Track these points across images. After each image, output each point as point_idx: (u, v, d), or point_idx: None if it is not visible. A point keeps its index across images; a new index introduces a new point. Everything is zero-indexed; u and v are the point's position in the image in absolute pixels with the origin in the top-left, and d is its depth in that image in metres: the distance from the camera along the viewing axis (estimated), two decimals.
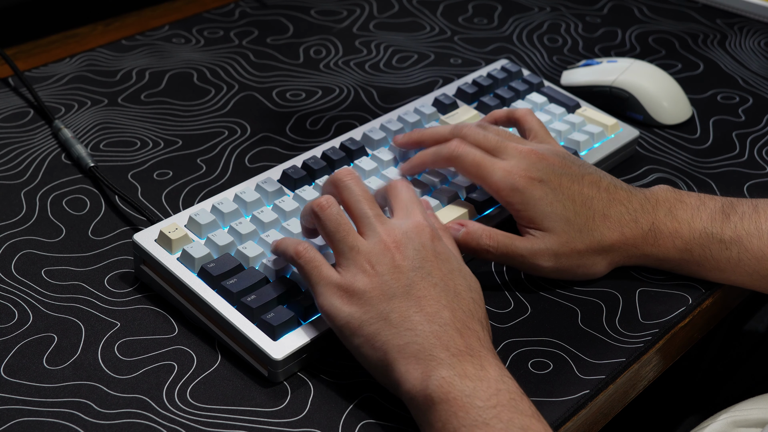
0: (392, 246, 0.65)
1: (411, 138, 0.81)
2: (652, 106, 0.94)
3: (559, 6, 1.16)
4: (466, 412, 0.58)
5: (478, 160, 0.74)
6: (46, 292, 0.72)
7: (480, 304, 0.65)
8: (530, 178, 0.73)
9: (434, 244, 0.66)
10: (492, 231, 0.73)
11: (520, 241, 0.73)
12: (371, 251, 0.65)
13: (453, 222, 0.74)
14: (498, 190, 0.74)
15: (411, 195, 0.70)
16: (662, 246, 0.74)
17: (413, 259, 0.64)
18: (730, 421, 0.77)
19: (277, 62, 1.01)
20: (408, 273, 0.63)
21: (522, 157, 0.74)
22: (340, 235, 0.65)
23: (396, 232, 0.65)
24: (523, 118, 0.81)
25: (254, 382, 0.66)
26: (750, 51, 1.08)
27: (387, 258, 0.64)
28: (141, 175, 0.84)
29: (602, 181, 0.75)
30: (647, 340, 0.71)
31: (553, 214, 0.73)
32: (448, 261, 0.65)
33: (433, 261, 0.65)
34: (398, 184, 0.70)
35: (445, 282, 0.64)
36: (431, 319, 0.62)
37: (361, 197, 0.67)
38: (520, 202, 0.73)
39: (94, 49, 1.01)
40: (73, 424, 0.62)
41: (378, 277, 0.63)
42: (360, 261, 0.64)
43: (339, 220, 0.66)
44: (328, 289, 0.64)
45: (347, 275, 0.64)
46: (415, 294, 0.63)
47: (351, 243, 0.65)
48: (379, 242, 0.65)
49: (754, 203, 0.75)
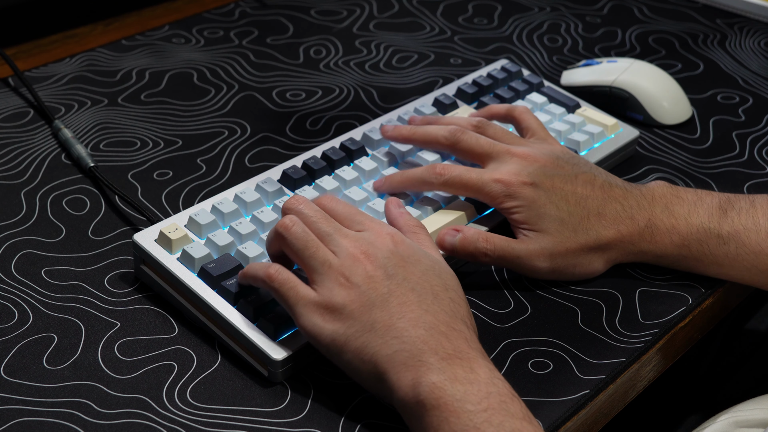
0: (362, 257, 0.64)
1: (401, 133, 0.80)
2: (652, 106, 0.94)
3: (559, 6, 1.16)
4: (458, 417, 0.57)
5: (465, 181, 0.74)
6: (46, 292, 0.72)
7: (460, 302, 0.64)
8: (522, 183, 0.73)
9: (398, 248, 0.65)
10: (488, 235, 0.73)
11: (516, 243, 0.73)
12: (343, 264, 0.64)
13: (448, 228, 0.74)
14: (492, 199, 0.74)
15: (347, 207, 0.68)
16: (659, 242, 0.74)
17: (385, 267, 0.63)
18: (731, 421, 0.77)
19: (277, 62, 1.01)
20: (383, 282, 0.63)
21: (513, 161, 0.74)
22: (310, 252, 0.64)
23: (361, 243, 0.65)
24: (520, 116, 0.81)
25: (254, 382, 0.66)
26: (750, 51, 1.08)
27: (360, 269, 0.63)
28: (141, 175, 0.84)
29: (597, 180, 0.75)
30: (647, 340, 0.71)
31: (546, 215, 0.73)
32: (419, 262, 0.65)
33: (404, 266, 0.64)
34: (325, 201, 0.68)
35: (422, 285, 0.63)
36: (415, 324, 0.61)
37: (316, 218, 0.66)
38: (514, 206, 0.73)
39: (94, 49, 1.01)
40: (73, 424, 0.62)
41: (355, 288, 0.63)
42: (334, 275, 0.63)
43: (306, 237, 0.65)
44: (307, 309, 0.63)
45: (324, 291, 0.63)
46: (395, 301, 0.62)
47: (322, 258, 0.64)
48: (348, 255, 0.64)
49: (752, 199, 0.75)
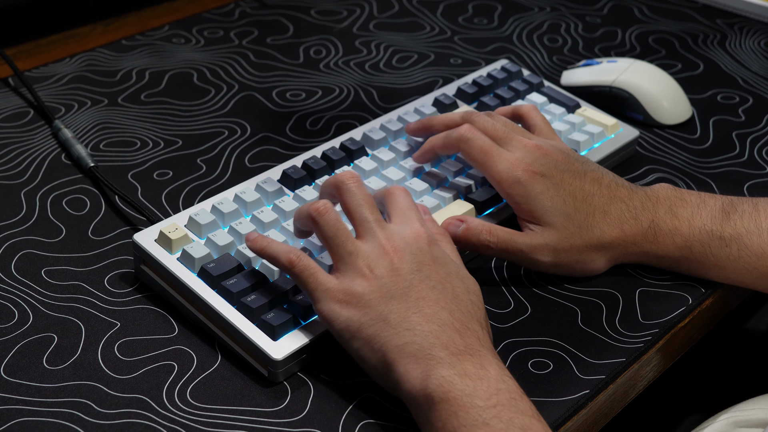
0: (390, 251, 0.65)
1: (422, 124, 0.81)
2: (652, 106, 0.94)
3: (559, 6, 1.16)
4: (467, 412, 0.58)
5: (486, 147, 0.75)
6: (46, 292, 0.72)
7: (479, 305, 0.65)
8: (533, 172, 0.73)
9: (431, 249, 0.66)
10: (492, 226, 0.73)
11: (520, 237, 0.73)
12: (370, 255, 0.64)
13: (453, 218, 0.74)
14: (500, 181, 0.74)
15: (408, 202, 0.69)
16: (662, 243, 0.74)
17: (411, 263, 0.64)
18: (730, 421, 0.77)
19: (277, 62, 1.01)
20: (406, 276, 0.64)
21: (527, 150, 0.75)
22: (339, 240, 0.65)
23: (395, 238, 0.65)
24: (527, 114, 0.82)
25: (254, 382, 0.66)
26: (750, 51, 1.08)
27: (385, 262, 0.64)
28: (141, 175, 0.84)
29: (604, 179, 0.75)
30: (647, 340, 0.71)
31: (553, 208, 0.73)
32: (446, 265, 0.66)
33: (431, 265, 0.65)
34: (396, 190, 0.70)
35: (443, 285, 0.64)
36: (430, 319, 0.62)
37: (363, 201, 0.67)
38: (521, 194, 0.73)
39: (94, 49, 1.01)
40: (73, 424, 0.62)
41: (376, 280, 0.63)
42: (358, 265, 0.64)
43: (337, 225, 0.66)
44: (326, 294, 0.64)
45: (345, 280, 0.64)
46: (414, 296, 0.63)
47: (350, 248, 0.65)
48: (378, 247, 0.65)
49: (755, 201, 0.75)
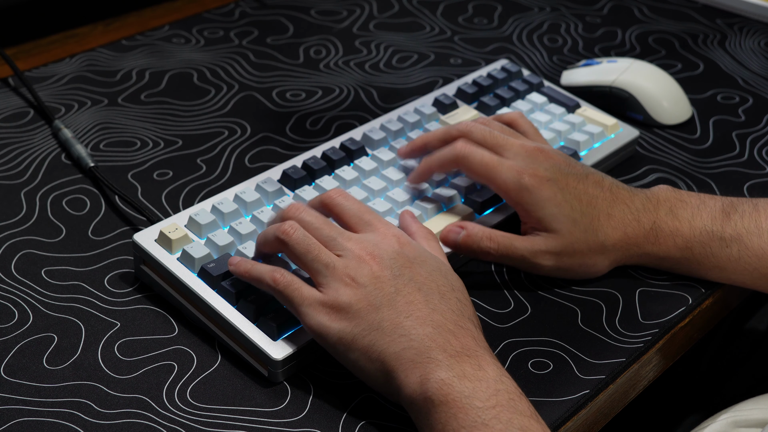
0: (368, 258, 0.64)
1: (415, 145, 0.79)
2: (652, 106, 0.94)
3: (559, 6, 1.16)
4: (466, 414, 0.58)
5: (486, 160, 0.73)
6: (46, 292, 0.72)
7: (465, 302, 0.64)
8: (539, 177, 0.72)
9: (404, 249, 0.65)
10: (492, 232, 0.73)
11: (520, 242, 0.73)
12: (348, 265, 0.64)
13: (453, 224, 0.74)
14: (507, 191, 0.73)
15: (356, 205, 0.68)
16: (663, 244, 0.74)
17: (391, 268, 0.63)
18: (730, 421, 0.77)
19: (277, 62, 1.01)
20: (390, 281, 0.63)
21: (529, 155, 0.74)
22: (312, 255, 0.64)
23: (367, 246, 0.65)
24: (515, 121, 0.80)
25: (254, 382, 0.66)
26: (750, 51, 1.08)
27: (365, 270, 0.63)
28: (141, 175, 0.84)
29: (605, 181, 0.75)
30: (647, 340, 0.71)
31: (560, 215, 0.72)
32: (425, 263, 0.65)
33: (410, 266, 0.64)
34: (332, 199, 0.68)
35: (428, 285, 0.63)
36: (423, 322, 0.61)
37: (318, 224, 0.66)
38: (530, 202, 0.72)
39: (94, 49, 1.01)
40: (73, 424, 0.62)
41: (361, 288, 0.63)
42: (339, 275, 0.63)
43: (307, 241, 0.64)
44: (312, 309, 0.63)
45: (329, 291, 0.63)
46: (402, 300, 0.62)
47: (325, 260, 0.64)
48: (354, 256, 0.64)
49: (755, 202, 0.75)
